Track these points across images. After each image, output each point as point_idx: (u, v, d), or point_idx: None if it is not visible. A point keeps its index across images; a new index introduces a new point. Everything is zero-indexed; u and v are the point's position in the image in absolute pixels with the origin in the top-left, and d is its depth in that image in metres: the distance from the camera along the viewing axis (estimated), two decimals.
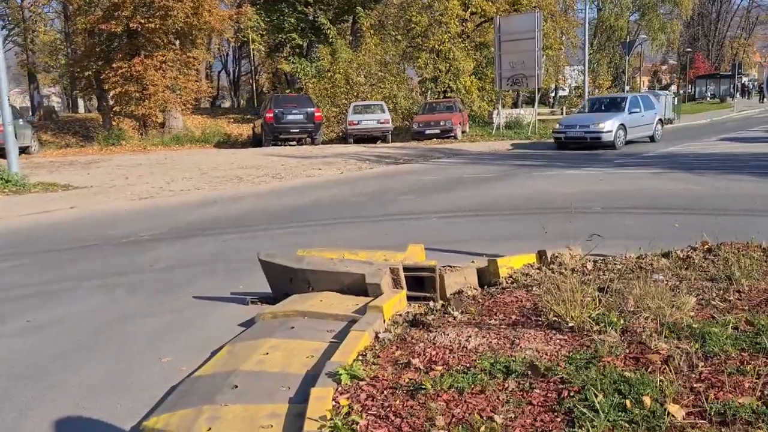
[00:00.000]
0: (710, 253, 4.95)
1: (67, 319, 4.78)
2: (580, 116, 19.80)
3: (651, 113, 19.63)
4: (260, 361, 3.58)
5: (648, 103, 19.90)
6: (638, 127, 18.84)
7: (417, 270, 4.72)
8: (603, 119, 17.89)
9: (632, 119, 18.53)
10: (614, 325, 3.37)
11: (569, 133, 18.28)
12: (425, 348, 3.44)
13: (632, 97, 19.56)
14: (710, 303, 3.68)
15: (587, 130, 17.80)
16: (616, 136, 17.57)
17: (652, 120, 19.61)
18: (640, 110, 18.92)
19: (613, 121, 17.80)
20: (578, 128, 18.17)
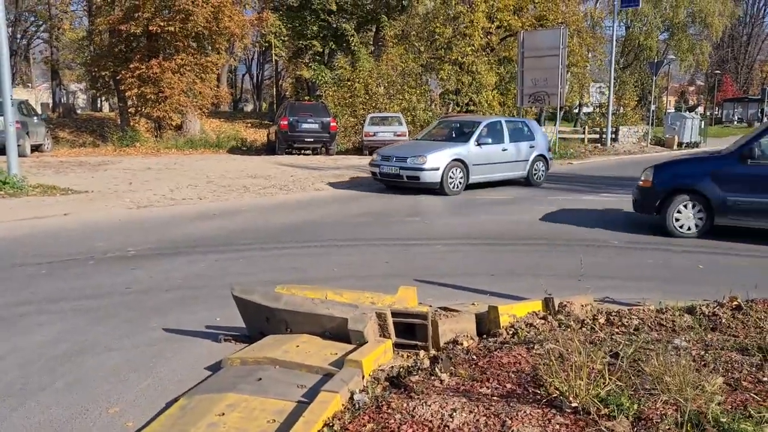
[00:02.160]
0: (739, 312, 4.39)
1: (20, 352, 4.34)
2: (403, 145, 14.42)
3: (524, 146, 13.94)
4: (213, 425, 3.11)
5: (520, 132, 14.22)
6: (495, 165, 13.30)
7: (407, 316, 4.23)
8: (427, 150, 12.50)
9: (481, 154, 12.93)
10: (626, 411, 2.84)
11: (384, 167, 12.75)
12: (401, 423, 2.93)
13: (489, 123, 13.73)
14: (741, 384, 3.13)
15: (404, 165, 12.38)
16: (445, 176, 12.24)
17: (527, 156, 13.96)
18: (500, 142, 13.42)
19: (442, 155, 12.32)
20: (394, 161, 12.61)
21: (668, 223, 8.35)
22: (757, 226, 8.08)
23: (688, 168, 8.69)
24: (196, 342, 4.57)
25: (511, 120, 15.06)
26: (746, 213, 7.98)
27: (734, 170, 7.98)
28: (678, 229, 8.31)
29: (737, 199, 7.94)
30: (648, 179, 8.61)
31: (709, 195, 8.07)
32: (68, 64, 41.17)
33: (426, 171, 12.11)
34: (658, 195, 8.42)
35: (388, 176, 12.72)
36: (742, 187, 7.95)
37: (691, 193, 8.20)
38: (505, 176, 13.69)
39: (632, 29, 43.82)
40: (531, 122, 15.45)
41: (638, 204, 8.91)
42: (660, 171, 8.62)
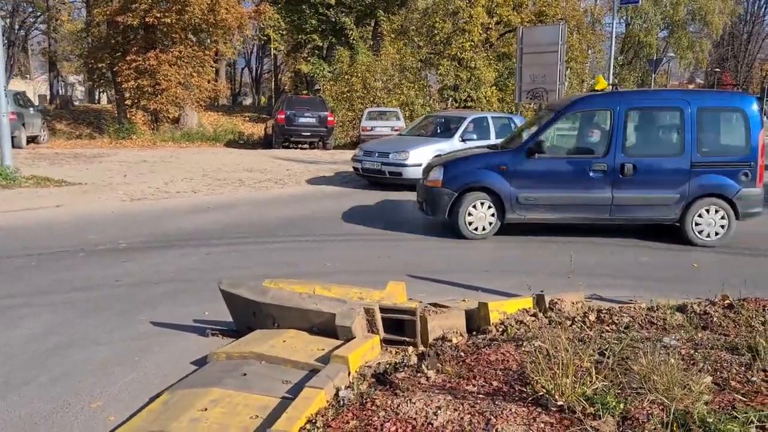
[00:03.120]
0: (731, 310, 4.35)
1: (6, 344, 4.30)
2: (387, 140, 14.31)
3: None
4: (195, 420, 3.07)
5: (506, 128, 13.64)
6: None
7: (396, 312, 4.19)
8: (410, 146, 12.24)
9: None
10: (612, 410, 2.81)
11: (366, 162, 12.50)
12: (384, 421, 2.90)
13: (474, 119, 13.43)
14: (729, 383, 3.10)
15: (386, 160, 12.13)
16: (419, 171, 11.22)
17: None
18: (486, 138, 12.88)
19: (425, 151, 11.87)
20: (376, 156, 12.38)
21: (460, 223, 7.78)
22: (548, 220, 7.87)
23: (478, 164, 8.02)
24: (184, 336, 4.53)
25: (497, 116, 14.86)
26: (537, 208, 7.73)
27: (523, 165, 7.66)
28: (470, 230, 7.80)
29: (528, 194, 7.66)
30: (437, 178, 7.94)
31: (501, 192, 7.68)
32: (66, 55, 40.99)
33: (409, 167, 11.79)
34: (450, 195, 7.78)
35: (371, 172, 12.44)
36: (532, 183, 7.68)
37: (483, 191, 7.75)
38: None
39: (632, 26, 43.67)
40: (518, 118, 15.14)
41: (427, 206, 8.16)
42: (450, 168, 7.98)
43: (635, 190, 7.61)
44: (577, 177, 7.67)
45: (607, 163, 7.59)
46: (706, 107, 7.74)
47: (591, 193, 7.66)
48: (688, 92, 9.17)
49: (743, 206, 7.68)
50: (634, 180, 7.57)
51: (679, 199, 7.63)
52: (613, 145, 7.58)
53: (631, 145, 7.77)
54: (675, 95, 9.01)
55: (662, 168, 7.69)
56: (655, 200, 7.67)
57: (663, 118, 8.12)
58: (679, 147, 7.65)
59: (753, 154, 7.66)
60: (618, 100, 7.78)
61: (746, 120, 7.69)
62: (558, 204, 7.73)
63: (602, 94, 8.44)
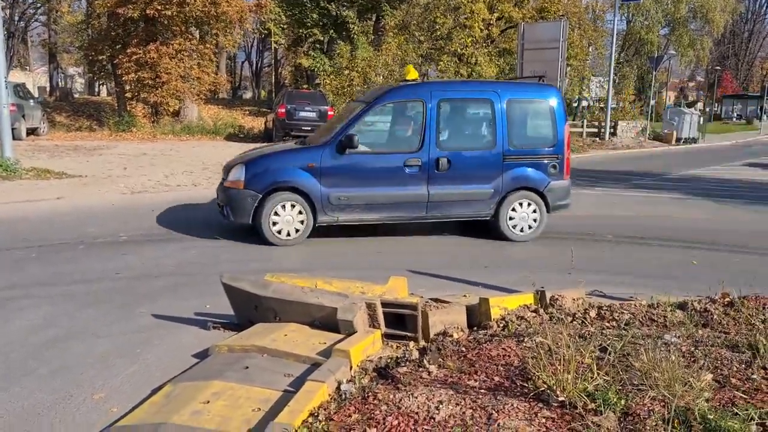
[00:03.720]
0: (731, 308, 4.37)
1: (6, 336, 4.30)
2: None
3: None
4: (197, 413, 3.08)
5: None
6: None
7: (397, 306, 4.20)
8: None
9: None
10: (613, 406, 2.82)
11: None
12: (387, 414, 2.91)
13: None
14: (730, 381, 3.11)
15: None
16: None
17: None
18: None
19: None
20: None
21: (265, 228, 7.00)
22: (364, 221, 7.35)
23: (284, 161, 7.27)
24: (185, 329, 4.53)
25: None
26: (352, 208, 7.18)
27: (334, 162, 7.05)
28: (277, 234, 7.04)
29: (340, 194, 7.08)
30: (238, 179, 7.10)
31: (311, 192, 7.02)
32: (66, 47, 40.91)
33: None
34: (253, 197, 6.98)
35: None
36: (343, 181, 7.11)
37: (291, 191, 7.03)
38: None
39: (633, 23, 43.60)
40: None
41: (228, 210, 7.23)
42: (252, 167, 7.15)
43: (451, 185, 7.31)
44: (391, 173, 7.21)
45: (421, 157, 7.21)
46: (515, 99, 7.56)
47: (406, 190, 7.23)
48: (498, 84, 8.75)
49: (553, 198, 7.66)
50: (449, 175, 7.26)
51: (493, 193, 7.45)
52: (427, 139, 7.22)
53: (445, 139, 7.38)
54: (485, 86, 8.58)
55: (477, 162, 7.43)
56: (471, 195, 7.43)
57: (475, 109, 7.86)
58: (492, 140, 7.45)
59: (560, 146, 7.63)
60: (430, 91, 7.39)
61: (553, 112, 7.64)
62: (373, 203, 7.23)
63: (413, 84, 8.03)
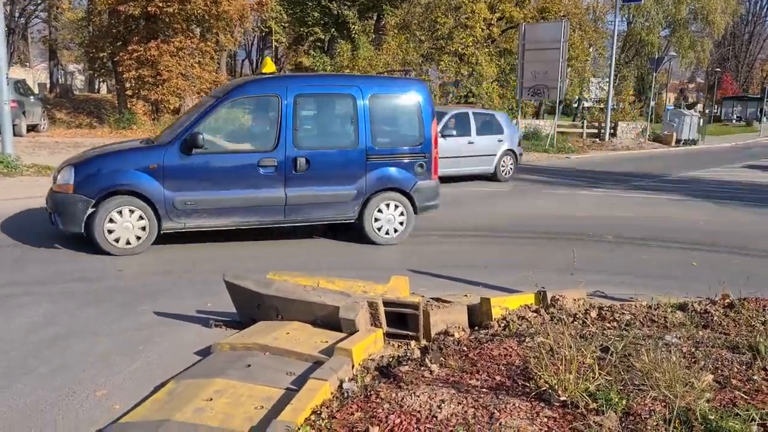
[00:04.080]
0: (731, 309, 4.38)
1: (6, 334, 4.31)
2: None
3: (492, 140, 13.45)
4: (200, 410, 3.09)
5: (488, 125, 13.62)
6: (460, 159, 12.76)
7: (399, 306, 4.21)
8: None
9: (445, 146, 11.79)
10: (614, 406, 2.83)
11: None
12: (389, 413, 2.92)
13: (455, 114, 13.25)
14: (730, 382, 3.12)
15: None
16: None
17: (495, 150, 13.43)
18: (467, 134, 13.00)
19: None
20: None
21: (99, 238, 6.30)
22: (215, 226, 6.80)
23: (122, 162, 6.57)
24: (186, 327, 4.54)
25: (479, 112, 14.19)
26: (200, 213, 6.60)
27: (179, 163, 6.47)
28: (113, 243, 6.35)
29: (187, 198, 6.49)
30: (67, 182, 6.43)
31: (153, 196, 6.39)
32: (66, 44, 40.87)
33: None
34: (85, 203, 6.27)
35: None
36: (190, 183, 6.52)
37: (130, 195, 6.38)
38: (470, 171, 13.10)
39: (634, 24, 43.63)
40: (501, 115, 14.67)
41: (56, 217, 6.52)
42: (83, 169, 6.50)
43: (310, 187, 6.88)
44: (244, 175, 6.68)
45: (277, 157, 6.71)
46: (379, 95, 7.19)
47: (261, 193, 6.73)
48: (360, 78, 8.13)
49: (421, 199, 7.34)
50: (308, 176, 6.82)
51: (357, 194, 7.06)
52: (283, 137, 6.72)
53: (303, 137, 6.88)
54: (347, 81, 7.85)
55: (338, 161, 7.03)
56: (332, 197, 7.02)
57: (335, 105, 7.38)
58: (354, 137, 7.04)
59: (428, 144, 7.32)
60: (286, 86, 6.86)
61: (420, 109, 7.32)
62: (224, 207, 6.67)
63: (269, 78, 7.49)
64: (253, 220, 6.85)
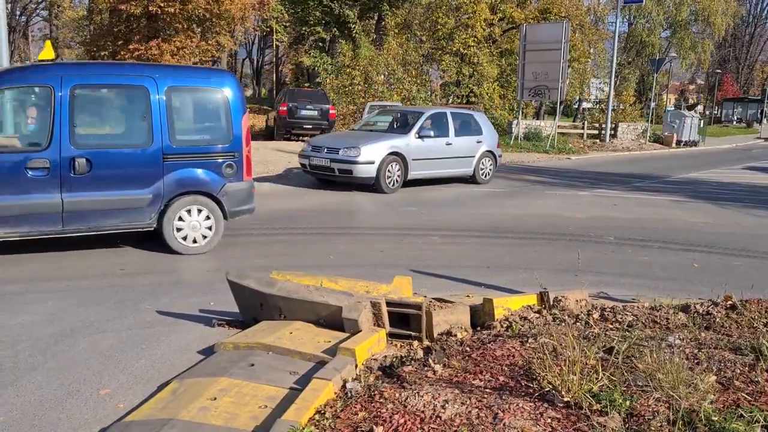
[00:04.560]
0: (733, 311, 4.39)
1: (11, 331, 4.32)
2: (337, 135, 13.84)
3: (471, 141, 12.83)
4: (204, 409, 3.10)
5: (467, 126, 13.08)
6: (437, 161, 12.11)
7: (402, 306, 4.22)
8: (363, 141, 11.20)
9: (423, 148, 11.72)
10: (618, 407, 2.84)
11: (314, 158, 11.40)
12: (393, 413, 2.93)
13: (433, 114, 12.48)
14: (733, 383, 3.13)
15: (336, 156, 11.07)
16: (382, 171, 10.97)
17: (474, 152, 12.82)
18: (445, 135, 12.28)
19: (378, 147, 11.08)
20: (325, 152, 11.27)
21: None
22: None
23: None
24: (189, 326, 4.55)
25: (457, 112, 13.67)
26: None
27: None
28: None
29: None
30: None
31: None
32: (67, 42, 40.83)
33: (360, 165, 10.84)
34: None
35: (319, 169, 11.33)
36: None
37: None
38: (448, 173, 12.51)
39: (635, 26, 43.68)
40: (479, 116, 14.03)
41: None
42: None
43: (94, 191, 6.03)
44: (9, 178, 5.72)
45: (50, 157, 5.81)
46: (177, 87, 6.48)
47: (32, 199, 5.79)
48: (156, 68, 7.11)
49: (231, 203, 6.70)
50: (90, 179, 5.98)
51: (153, 199, 6.30)
52: (58, 134, 5.83)
53: (83, 134, 6.12)
54: (139, 71, 6.72)
55: (127, 162, 6.25)
56: (123, 203, 6.20)
57: (125, 98, 6.66)
58: (147, 135, 6.26)
59: (237, 142, 6.68)
60: (62, 75, 5.92)
61: (227, 103, 6.68)
62: None
63: (40, 66, 6.47)
64: (23, 230, 5.88)
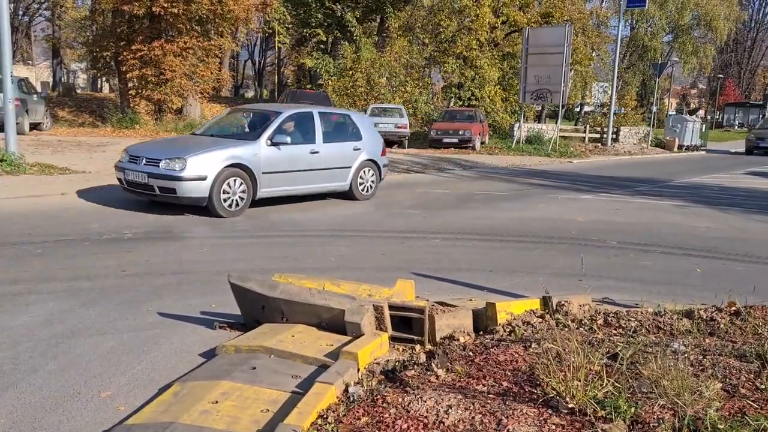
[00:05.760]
0: (738, 317, 4.37)
1: (11, 332, 4.30)
2: (165, 141, 10.89)
3: (346, 149, 10.30)
4: (205, 412, 3.08)
5: (341, 130, 10.70)
6: (299, 174, 9.52)
7: (404, 310, 4.20)
8: (192, 150, 8.50)
9: (277, 158, 9.09)
10: (623, 413, 2.82)
11: (130, 172, 8.59)
12: (396, 418, 2.91)
13: (292, 115, 9.74)
14: (739, 390, 3.11)
15: (156, 170, 8.33)
16: (216, 188, 8.33)
17: (350, 162, 10.30)
18: (309, 141, 9.64)
19: (211, 158, 8.42)
20: (143, 164, 8.50)
21: None
22: None
23: None
24: (191, 328, 4.53)
25: (329, 112, 11.16)
26: None
27: None
28: None
29: None
30: None
31: None
32: (70, 42, 40.90)
33: (186, 181, 8.19)
34: None
35: (136, 186, 8.60)
36: None
37: None
38: (315, 188, 9.98)
39: (637, 30, 43.71)
40: (359, 117, 11.52)
41: None
42: None
43: None
44: None
45: None
46: None
47: None
48: None
49: None
50: None
51: None
52: None
53: None
54: None
55: None
56: None
57: None
58: None
59: None
60: None
61: None
62: None
63: None
64: None
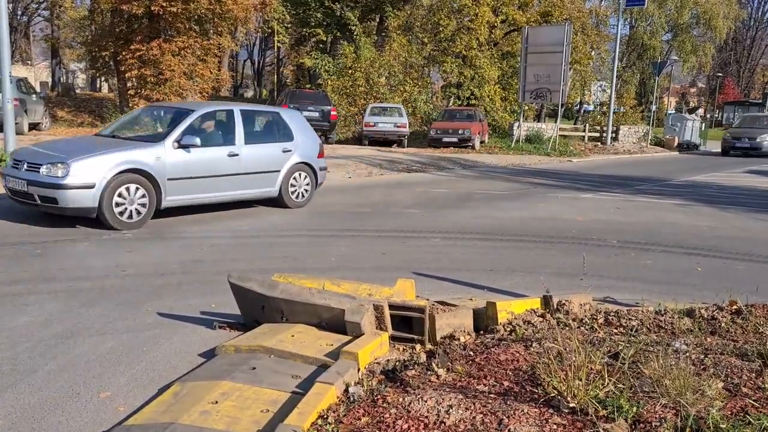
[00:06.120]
0: (739, 316, 4.36)
1: (10, 332, 4.28)
2: (56, 144, 9.13)
3: (274, 151, 9.19)
4: (205, 413, 3.07)
5: (268, 129, 9.76)
6: (214, 180, 8.37)
7: (404, 309, 4.19)
8: (78, 154, 7.41)
9: (186, 162, 8.02)
10: (624, 413, 2.81)
11: (10, 180, 7.62)
12: (396, 418, 2.90)
13: (206, 114, 8.74)
14: (741, 390, 3.10)
15: (36, 178, 7.32)
16: (107, 197, 7.31)
17: (279, 165, 9.18)
18: (227, 143, 8.55)
19: (101, 162, 7.38)
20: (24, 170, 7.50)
21: None
22: None
23: None
24: (191, 328, 4.52)
25: (252, 110, 9.74)
26: None
27: None
28: None
29: None
30: None
31: None
32: (69, 42, 40.83)
33: (69, 189, 7.18)
34: None
35: (17, 194, 7.61)
36: None
37: None
38: (236, 195, 8.79)
39: (636, 28, 43.65)
40: (291, 115, 9.98)
41: None
42: None
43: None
44: None
45: None
46: None
47: None
48: None
49: None
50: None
51: None
52: None
53: None
54: None
55: None
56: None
57: None
58: None
59: None
60: None
61: None
62: None
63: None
64: None
